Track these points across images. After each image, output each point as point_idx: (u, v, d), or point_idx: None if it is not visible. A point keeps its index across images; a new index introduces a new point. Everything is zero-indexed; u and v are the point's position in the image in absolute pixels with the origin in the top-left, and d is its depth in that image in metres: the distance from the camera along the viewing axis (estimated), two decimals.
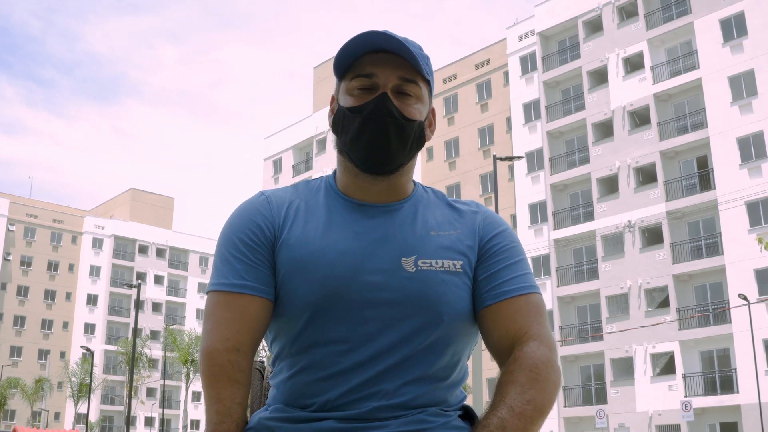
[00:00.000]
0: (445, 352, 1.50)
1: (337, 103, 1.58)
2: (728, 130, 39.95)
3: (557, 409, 43.03)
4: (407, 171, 1.59)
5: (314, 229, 1.53)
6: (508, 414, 1.38)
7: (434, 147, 55.48)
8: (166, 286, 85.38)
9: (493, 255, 1.57)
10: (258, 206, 1.58)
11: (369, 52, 1.53)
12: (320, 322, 1.48)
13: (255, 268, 1.52)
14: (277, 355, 1.56)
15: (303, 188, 1.62)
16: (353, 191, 1.58)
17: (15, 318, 78.28)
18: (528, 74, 50.27)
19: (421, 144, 1.58)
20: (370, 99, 1.51)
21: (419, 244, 1.53)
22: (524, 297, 1.53)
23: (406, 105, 1.53)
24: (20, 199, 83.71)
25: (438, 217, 1.60)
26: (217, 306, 1.51)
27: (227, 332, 1.49)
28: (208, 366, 1.48)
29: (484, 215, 1.62)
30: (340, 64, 1.55)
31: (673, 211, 41.11)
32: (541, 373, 1.44)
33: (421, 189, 1.65)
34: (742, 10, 40.68)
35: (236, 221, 1.57)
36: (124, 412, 65.05)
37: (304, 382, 1.49)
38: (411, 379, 1.46)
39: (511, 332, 1.51)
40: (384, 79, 1.52)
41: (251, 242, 1.53)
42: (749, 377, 35.76)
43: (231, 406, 1.46)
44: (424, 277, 1.49)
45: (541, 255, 46.64)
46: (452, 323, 1.50)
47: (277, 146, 66.55)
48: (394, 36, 1.51)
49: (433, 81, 1.62)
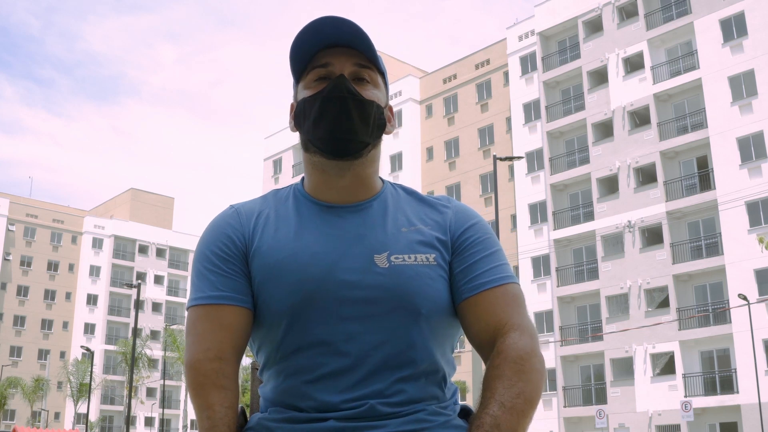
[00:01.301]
0: (429, 345, 1.50)
1: (296, 101, 1.60)
2: (728, 130, 39.95)
3: (557, 409, 43.04)
4: (371, 161, 1.59)
5: (285, 235, 1.54)
6: (500, 410, 1.38)
7: (434, 147, 55.47)
8: (166, 286, 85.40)
9: (467, 248, 1.56)
10: (228, 219, 1.59)
11: (322, 49, 1.55)
12: (300, 325, 1.48)
13: (229, 278, 1.53)
14: (264, 364, 1.57)
15: (272, 198, 1.63)
16: (322, 192, 1.58)
17: (15, 318, 78.28)
18: (528, 74, 50.27)
19: (383, 128, 1.59)
20: (328, 83, 1.53)
21: (390, 240, 1.53)
22: (501, 288, 1.53)
23: (364, 89, 1.55)
24: (20, 199, 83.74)
25: (408, 213, 1.60)
26: (197, 320, 1.53)
27: (208, 343, 1.50)
28: (194, 377, 1.49)
29: (455, 209, 1.62)
30: (295, 64, 1.57)
31: (673, 211, 41.11)
32: (525, 364, 1.44)
33: (390, 186, 1.65)
34: (742, 10, 40.68)
35: (208, 236, 1.59)
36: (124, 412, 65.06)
37: (294, 387, 1.49)
38: (402, 376, 1.46)
39: (491, 324, 1.51)
40: (340, 66, 1.54)
41: (223, 254, 1.55)
42: (749, 377, 35.76)
43: (220, 410, 1.46)
44: (398, 271, 1.49)
45: (541, 255, 46.64)
46: (431, 316, 1.50)
47: (277, 146, 66.56)
48: (345, 24, 1.52)
49: (387, 78, 1.63)
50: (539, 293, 45.63)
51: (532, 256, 46.74)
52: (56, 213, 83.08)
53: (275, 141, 66.99)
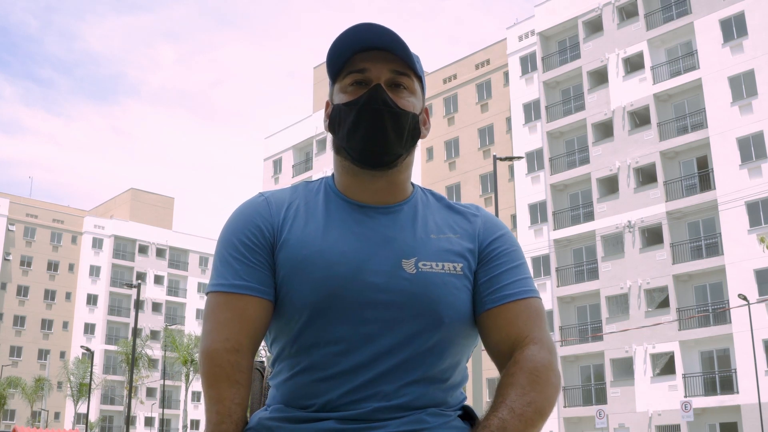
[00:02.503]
0: (446, 354, 1.50)
1: (332, 104, 1.59)
2: (728, 130, 39.96)
3: (557, 409, 43.04)
4: (405, 168, 1.59)
5: (314, 230, 1.53)
6: (509, 415, 1.38)
7: (434, 147, 55.48)
8: (166, 286, 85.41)
9: (493, 259, 1.57)
10: (257, 207, 1.58)
11: (359, 51, 1.54)
12: (320, 322, 1.47)
13: (254, 269, 1.52)
14: (277, 355, 1.56)
15: (302, 189, 1.62)
16: (353, 192, 1.57)
17: (15, 318, 78.29)
18: (528, 74, 50.28)
19: (417, 137, 1.58)
20: (365, 91, 1.52)
21: (420, 246, 1.53)
22: (524, 301, 1.54)
23: (400, 97, 1.54)
24: (20, 199, 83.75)
25: (438, 219, 1.59)
26: (217, 307, 1.51)
27: (227, 333, 1.48)
28: (209, 367, 1.48)
29: (484, 219, 1.62)
30: (332, 66, 1.56)
31: (673, 211, 41.12)
32: (541, 376, 1.44)
33: (420, 191, 1.64)
34: (742, 10, 40.70)
35: (235, 223, 1.57)
36: (124, 412, 65.07)
37: (304, 383, 1.48)
38: (411, 380, 1.46)
39: (511, 336, 1.51)
40: (377, 72, 1.53)
41: (251, 243, 1.53)
42: (749, 377, 35.77)
43: (231, 406, 1.46)
44: (424, 278, 1.49)
45: (541, 255, 46.65)
46: (452, 325, 1.50)
47: (277, 146, 66.59)
48: (383, 30, 1.51)
49: (425, 80, 1.62)
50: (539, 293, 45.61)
51: (532, 257, 46.75)
52: (56, 213, 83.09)
53: (275, 141, 67.01)
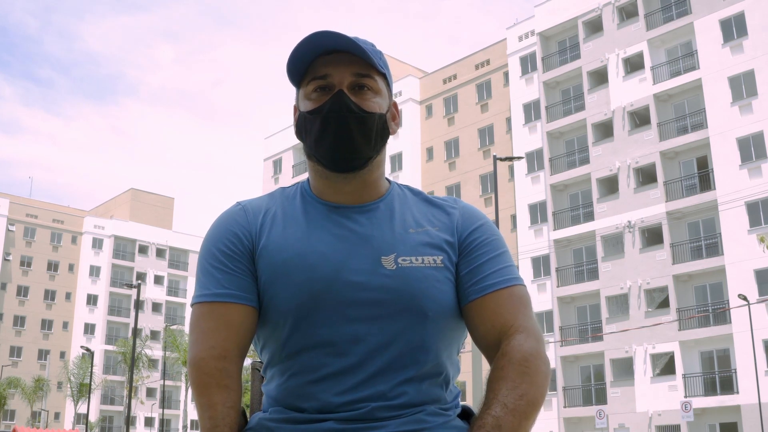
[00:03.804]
0: (435, 348, 1.50)
1: (298, 110, 1.60)
2: (728, 131, 39.96)
3: (557, 409, 43.05)
4: (377, 167, 1.59)
5: (293, 234, 1.54)
6: (503, 411, 1.38)
7: (434, 147, 55.50)
8: (166, 286, 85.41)
9: (474, 249, 1.56)
10: (234, 216, 1.59)
11: (320, 55, 1.54)
12: (306, 325, 1.48)
13: (235, 276, 1.53)
14: (268, 362, 1.56)
15: (279, 195, 1.63)
16: (328, 194, 1.58)
17: (15, 318, 78.29)
18: (528, 74, 50.29)
19: (386, 136, 1.59)
20: (327, 98, 1.52)
21: (398, 241, 1.53)
22: (508, 289, 1.53)
23: (364, 99, 1.54)
24: (20, 199, 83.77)
25: (416, 214, 1.60)
26: (201, 316, 1.52)
27: (212, 341, 1.49)
28: (197, 375, 1.49)
29: (462, 210, 1.62)
30: (293, 72, 1.56)
31: (673, 212, 41.12)
32: (530, 366, 1.44)
33: (397, 187, 1.65)
34: (742, 10, 40.70)
35: (214, 233, 1.58)
36: (124, 412, 65.06)
37: (298, 386, 1.49)
38: (405, 378, 1.46)
39: (497, 326, 1.51)
40: (339, 77, 1.53)
41: (230, 252, 1.54)
42: (749, 377, 35.77)
43: (223, 410, 1.46)
44: (404, 274, 1.49)
45: (541, 255, 46.65)
46: (438, 319, 1.50)
47: (277, 146, 66.61)
48: (341, 35, 1.51)
49: (390, 75, 1.62)
50: (539, 293, 45.63)
51: (532, 257, 46.76)
52: (56, 213, 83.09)
53: (275, 141, 67.03)
